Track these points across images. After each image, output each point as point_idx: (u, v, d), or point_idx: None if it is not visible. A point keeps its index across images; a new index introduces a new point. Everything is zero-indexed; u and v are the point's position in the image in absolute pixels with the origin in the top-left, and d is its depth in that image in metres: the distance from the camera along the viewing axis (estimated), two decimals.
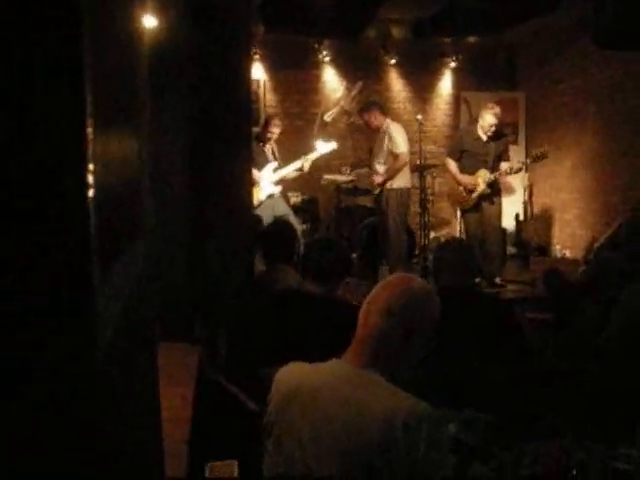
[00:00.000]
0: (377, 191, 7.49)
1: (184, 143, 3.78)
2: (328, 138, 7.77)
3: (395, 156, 7.25)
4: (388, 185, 7.36)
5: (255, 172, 7.03)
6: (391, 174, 7.27)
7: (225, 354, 3.69)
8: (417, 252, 8.37)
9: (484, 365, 3.03)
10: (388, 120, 7.48)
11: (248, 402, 2.78)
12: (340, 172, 8.82)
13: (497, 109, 7.08)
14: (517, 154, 8.99)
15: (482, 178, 7.06)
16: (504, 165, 7.13)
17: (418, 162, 7.78)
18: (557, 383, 3.15)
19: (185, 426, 2.51)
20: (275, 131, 7.38)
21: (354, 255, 8.16)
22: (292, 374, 2.06)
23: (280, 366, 2.12)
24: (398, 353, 1.95)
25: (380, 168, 7.41)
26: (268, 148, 7.38)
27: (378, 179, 7.31)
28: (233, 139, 4.06)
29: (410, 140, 7.58)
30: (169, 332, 3.55)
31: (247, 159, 4.34)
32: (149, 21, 2.76)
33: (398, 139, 7.27)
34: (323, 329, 2.94)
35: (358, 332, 2.00)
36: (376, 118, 7.41)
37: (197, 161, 3.89)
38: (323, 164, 8.43)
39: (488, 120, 7.04)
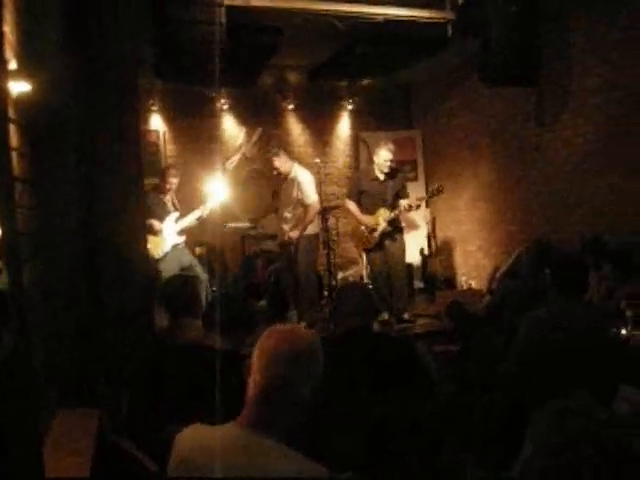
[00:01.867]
0: (285, 238, 7.48)
1: (76, 199, 3.70)
2: (229, 185, 7.75)
3: (305, 206, 7.26)
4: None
5: (156, 223, 6.95)
6: (305, 226, 7.28)
7: (127, 413, 3.58)
8: (326, 293, 8.40)
9: (385, 406, 3.04)
10: (296, 165, 7.49)
11: (148, 464, 2.70)
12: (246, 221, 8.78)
13: (390, 145, 7.23)
14: (418, 190, 9.20)
15: (382, 217, 7.17)
16: (403, 202, 7.26)
17: (320, 205, 7.83)
18: (464, 415, 3.19)
19: None
20: (173, 181, 7.31)
21: (263, 302, 8.14)
22: (190, 439, 2.01)
23: (184, 424, 2.08)
24: (288, 409, 1.93)
25: (289, 217, 7.40)
26: (168, 199, 7.30)
27: (293, 235, 7.28)
28: (125, 192, 4.01)
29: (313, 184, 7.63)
30: (71, 396, 3.44)
31: (141, 212, 4.28)
32: (21, 86, 2.69)
33: (308, 189, 7.26)
34: (227, 384, 2.90)
35: (248, 392, 1.97)
36: (285, 163, 7.43)
37: (91, 216, 3.82)
38: (226, 212, 8.40)
39: (383, 156, 7.16)
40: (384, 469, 2.89)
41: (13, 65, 2.60)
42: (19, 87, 2.63)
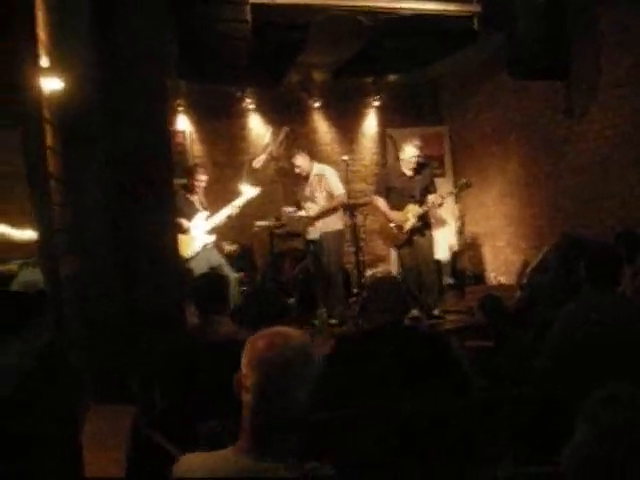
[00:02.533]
0: (311, 235, 7.50)
1: (106, 197, 3.73)
2: (257, 184, 7.76)
3: (334, 197, 7.35)
4: (324, 228, 7.41)
5: (185, 222, 6.98)
6: (326, 211, 7.32)
7: (162, 409, 3.60)
8: (355, 291, 8.39)
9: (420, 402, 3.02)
10: (316, 164, 7.54)
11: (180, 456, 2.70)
12: (284, 213, 8.77)
13: (416, 141, 7.24)
14: (445, 186, 9.11)
15: (411, 213, 7.15)
16: (431, 198, 7.23)
17: (348, 201, 7.84)
18: (493, 411, 3.16)
19: None
20: (202, 179, 7.35)
21: (292, 299, 8.14)
22: (186, 469, 1.93)
23: (217, 419, 2.07)
24: (285, 420, 1.84)
25: (314, 208, 7.45)
26: (196, 198, 7.33)
27: (313, 215, 7.34)
28: (156, 191, 4.02)
29: (340, 180, 7.65)
30: (105, 391, 3.47)
31: (171, 210, 4.30)
32: (54, 84, 2.71)
33: (335, 182, 7.40)
34: None
35: (243, 415, 1.87)
36: (305, 162, 7.47)
37: (121, 215, 3.84)
38: (254, 211, 8.42)
39: (409, 152, 7.16)
40: (412, 464, 2.87)
41: (45, 63, 2.62)
42: (51, 84, 2.65)
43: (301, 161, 7.47)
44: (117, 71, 3.89)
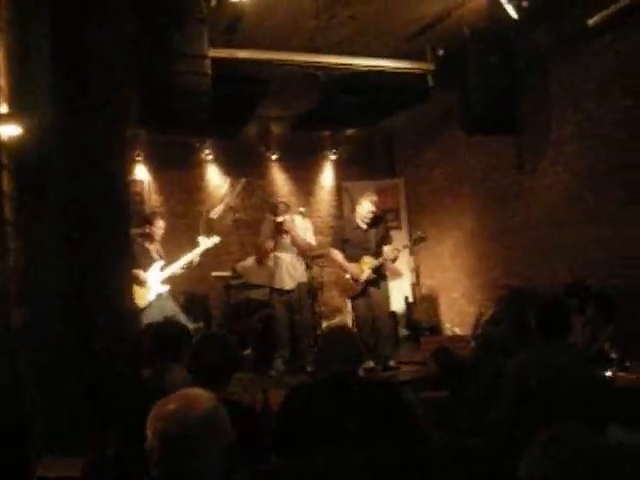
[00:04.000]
0: (288, 285, 7.61)
1: (60, 244, 3.71)
2: (213, 235, 7.79)
3: (316, 248, 7.68)
4: (300, 278, 7.56)
5: (141, 273, 6.94)
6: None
7: (114, 462, 3.54)
8: (311, 342, 8.38)
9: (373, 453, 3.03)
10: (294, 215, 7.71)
11: None
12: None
13: (373, 196, 7.33)
14: (401, 238, 9.24)
15: (367, 265, 7.22)
16: (387, 250, 7.32)
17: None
18: (447, 463, 3.17)
19: None
20: (160, 227, 7.35)
21: (248, 350, 8.11)
22: None
23: None
24: None
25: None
26: (153, 247, 7.31)
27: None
28: (113, 238, 4.02)
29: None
30: (56, 441, 3.40)
31: (128, 258, 4.30)
32: (12, 130, 2.73)
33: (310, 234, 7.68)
34: None
35: None
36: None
37: (75, 262, 3.82)
38: (210, 261, 8.42)
39: (365, 208, 7.27)
40: None
41: (4, 109, 2.64)
42: (9, 131, 2.66)
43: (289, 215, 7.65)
44: (76, 119, 3.91)
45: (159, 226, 7.37)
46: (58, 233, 3.60)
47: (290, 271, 7.61)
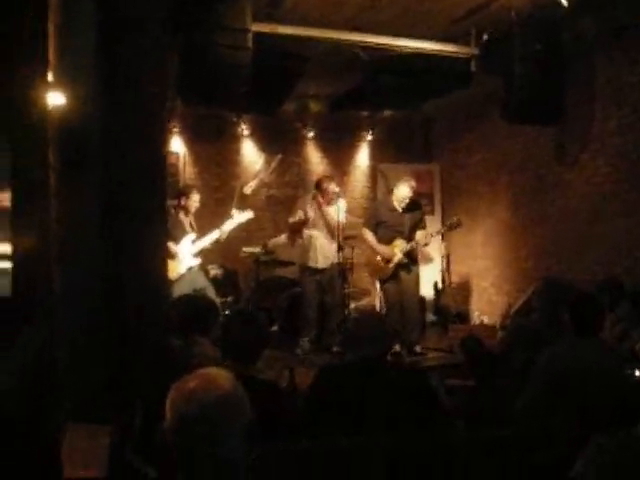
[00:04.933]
0: (321, 264, 7.59)
1: (101, 215, 3.73)
2: (246, 209, 7.80)
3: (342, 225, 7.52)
4: (334, 259, 7.52)
5: (172, 245, 6.96)
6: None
7: (140, 432, 3.57)
8: (339, 323, 8.39)
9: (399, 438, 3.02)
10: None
11: None
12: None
13: (412, 182, 7.28)
14: (433, 224, 9.18)
15: (399, 248, 7.18)
16: (419, 234, 7.28)
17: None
18: (471, 450, 3.16)
19: None
20: (194, 203, 7.37)
21: (275, 327, 8.14)
22: None
23: None
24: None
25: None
26: (186, 220, 7.34)
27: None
28: (147, 212, 4.03)
29: None
30: (82, 412, 3.44)
31: (163, 232, 4.31)
32: (57, 98, 2.73)
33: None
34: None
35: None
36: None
37: (111, 234, 3.84)
38: (243, 236, 8.43)
39: (403, 192, 7.22)
40: None
41: (50, 78, 2.64)
42: (54, 99, 2.67)
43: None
44: (117, 90, 3.92)
45: (194, 199, 7.39)
46: (97, 205, 3.62)
47: (324, 250, 7.59)
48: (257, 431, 1.92)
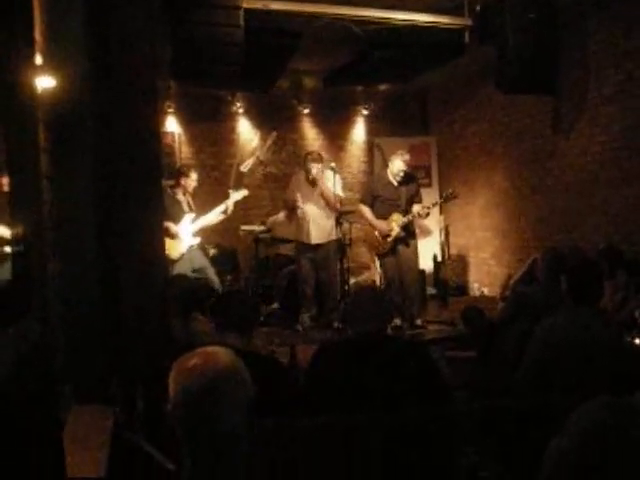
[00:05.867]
0: (317, 240, 7.58)
1: (94, 195, 3.72)
2: (244, 188, 7.80)
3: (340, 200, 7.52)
4: (330, 237, 7.50)
5: (172, 226, 6.97)
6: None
7: (143, 412, 3.59)
8: (339, 298, 8.41)
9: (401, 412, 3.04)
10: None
11: (165, 462, 2.70)
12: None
13: (406, 156, 7.28)
14: (431, 196, 9.18)
15: (396, 222, 7.19)
16: (416, 207, 7.29)
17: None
18: (472, 421, 3.18)
19: None
20: (192, 182, 7.38)
21: (275, 305, 8.16)
22: None
23: None
24: (219, 450, 1.82)
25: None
26: (184, 200, 7.34)
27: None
28: (143, 192, 4.01)
29: None
30: (84, 393, 3.45)
31: (159, 212, 4.30)
32: (46, 82, 2.72)
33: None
34: None
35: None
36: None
37: (107, 215, 3.83)
38: (240, 215, 8.43)
39: (397, 166, 7.23)
40: (392, 473, 2.89)
41: (39, 61, 2.63)
42: (44, 82, 2.66)
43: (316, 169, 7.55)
44: (108, 70, 3.89)
45: (193, 178, 7.41)
46: (90, 186, 3.61)
47: (318, 225, 7.57)
48: (258, 406, 1.95)
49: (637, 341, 4.50)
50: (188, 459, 1.83)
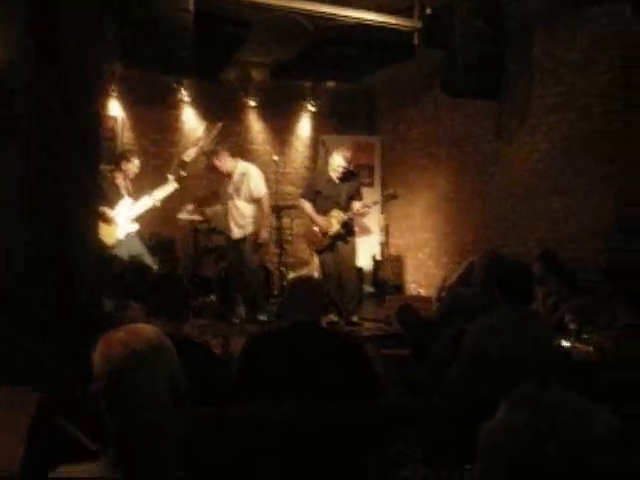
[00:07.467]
0: (237, 234, 7.47)
1: (27, 181, 3.63)
2: (184, 178, 7.73)
3: (257, 200, 7.30)
4: (246, 230, 7.43)
5: (108, 211, 6.86)
6: (265, 220, 7.42)
7: (68, 393, 3.52)
8: (276, 292, 8.40)
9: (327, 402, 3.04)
10: (241, 162, 7.52)
11: (89, 444, 2.65)
12: (186, 210, 8.70)
13: (346, 152, 7.34)
14: (373, 196, 9.22)
15: (336, 218, 7.22)
16: (356, 205, 7.32)
17: (275, 203, 7.87)
18: (403, 417, 3.20)
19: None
20: (134, 168, 7.28)
21: (212, 297, 8.09)
22: None
23: None
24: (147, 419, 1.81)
25: (248, 215, 7.40)
26: (123, 185, 7.22)
27: (265, 236, 7.38)
28: (78, 175, 3.93)
29: (268, 181, 7.67)
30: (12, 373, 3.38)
31: (93, 195, 4.22)
32: None
33: (258, 183, 7.35)
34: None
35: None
36: (226, 162, 7.43)
37: (41, 197, 3.75)
38: (177, 204, 8.34)
39: (337, 161, 7.26)
40: (317, 465, 2.89)
41: None
42: None
43: (221, 161, 7.44)
44: (50, 52, 3.80)
45: (135, 164, 7.31)
46: (27, 168, 3.52)
47: (236, 220, 7.50)
48: (189, 392, 1.93)
49: (565, 343, 4.61)
50: (112, 439, 1.80)
